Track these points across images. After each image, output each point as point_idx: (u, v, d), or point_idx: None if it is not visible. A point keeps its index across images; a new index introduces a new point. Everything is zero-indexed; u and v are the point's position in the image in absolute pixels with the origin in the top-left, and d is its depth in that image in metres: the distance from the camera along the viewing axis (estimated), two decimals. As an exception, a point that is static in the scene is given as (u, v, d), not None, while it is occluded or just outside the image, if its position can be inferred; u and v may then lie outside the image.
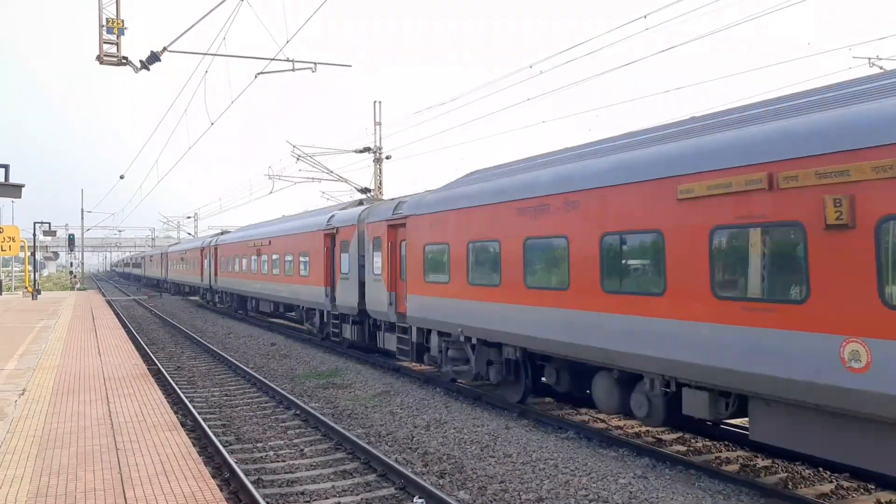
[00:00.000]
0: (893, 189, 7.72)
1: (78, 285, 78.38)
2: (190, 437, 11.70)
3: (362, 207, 23.97)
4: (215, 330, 35.23)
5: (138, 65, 18.70)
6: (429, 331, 18.55)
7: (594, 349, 12.21)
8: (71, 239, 74.26)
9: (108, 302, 50.81)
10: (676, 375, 10.61)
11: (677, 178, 10.51)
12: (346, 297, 24.15)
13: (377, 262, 21.46)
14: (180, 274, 65.24)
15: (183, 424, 12.68)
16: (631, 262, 11.68)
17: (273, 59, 19.99)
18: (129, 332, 31.00)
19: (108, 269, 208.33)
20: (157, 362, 22.73)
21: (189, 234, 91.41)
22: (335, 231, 25.06)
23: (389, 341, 21.36)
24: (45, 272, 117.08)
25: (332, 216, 25.88)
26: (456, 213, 16.87)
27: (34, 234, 58.06)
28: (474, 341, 16.28)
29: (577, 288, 12.66)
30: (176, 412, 13.42)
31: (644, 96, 26.67)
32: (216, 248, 47.03)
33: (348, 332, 24.50)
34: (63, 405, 12.74)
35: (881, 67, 20.15)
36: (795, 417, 9.04)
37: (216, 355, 25.75)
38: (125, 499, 7.64)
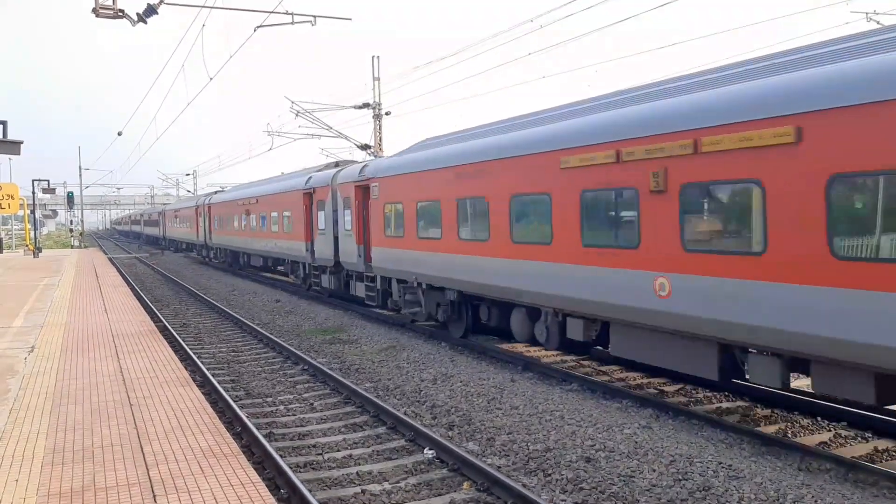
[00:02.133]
0: None
1: (81, 243, 78.36)
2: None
3: None
4: (219, 287, 35.39)
5: (135, 18, 18.52)
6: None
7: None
8: (70, 196, 74.00)
9: (110, 260, 50.90)
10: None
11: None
12: None
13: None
14: (243, 237, 39.58)
15: (192, 380, 12.82)
16: None
17: (272, 13, 19.81)
18: (132, 290, 31.14)
19: (108, 227, 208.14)
20: (162, 319, 22.90)
21: (189, 191, 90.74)
22: None
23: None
24: (45, 230, 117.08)
25: None
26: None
27: (33, 192, 57.97)
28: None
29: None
30: (185, 368, 13.57)
31: (644, 51, 26.52)
32: (366, 188, 22.33)
33: None
34: (73, 362, 12.89)
35: (878, 22, 19.96)
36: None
37: (221, 312, 25.92)
38: (143, 453, 7.79)
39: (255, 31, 20.82)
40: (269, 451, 9.97)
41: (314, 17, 21.33)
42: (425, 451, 10.59)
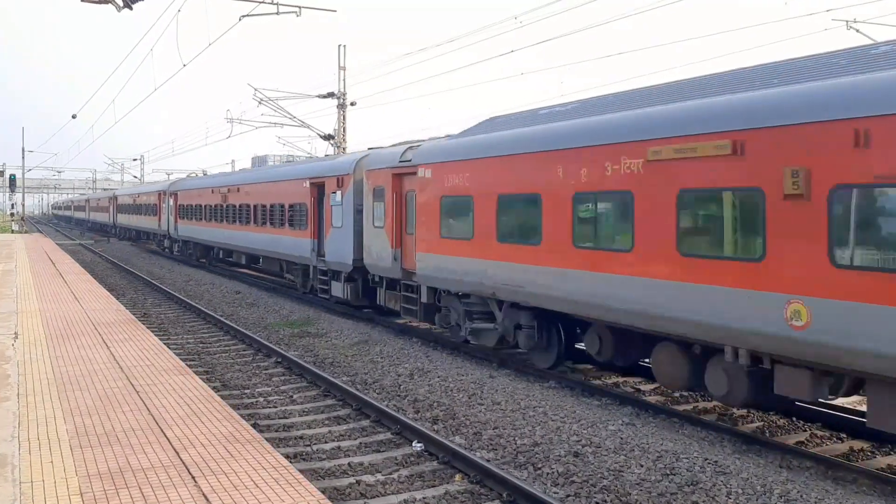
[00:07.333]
0: None
1: (22, 228, 76.34)
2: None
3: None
4: (174, 277, 35.13)
5: (121, 3, 18.40)
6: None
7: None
8: (12, 180, 72.20)
9: (59, 246, 49.96)
10: None
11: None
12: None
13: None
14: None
15: (189, 369, 12.98)
16: None
17: (259, 3, 19.85)
18: (97, 278, 30.74)
19: (45, 211, 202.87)
20: (122, 309, 22.74)
21: (135, 177, 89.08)
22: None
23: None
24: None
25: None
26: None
27: (-22, 175, 56.38)
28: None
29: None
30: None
31: (623, 52, 27.48)
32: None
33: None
34: (63, 349, 12.94)
35: (858, 30, 20.72)
36: None
37: (181, 302, 25.85)
38: (167, 438, 8.04)
39: (240, 20, 20.87)
40: (260, 439, 10.22)
41: (299, 7, 21.45)
42: (414, 444, 10.97)
